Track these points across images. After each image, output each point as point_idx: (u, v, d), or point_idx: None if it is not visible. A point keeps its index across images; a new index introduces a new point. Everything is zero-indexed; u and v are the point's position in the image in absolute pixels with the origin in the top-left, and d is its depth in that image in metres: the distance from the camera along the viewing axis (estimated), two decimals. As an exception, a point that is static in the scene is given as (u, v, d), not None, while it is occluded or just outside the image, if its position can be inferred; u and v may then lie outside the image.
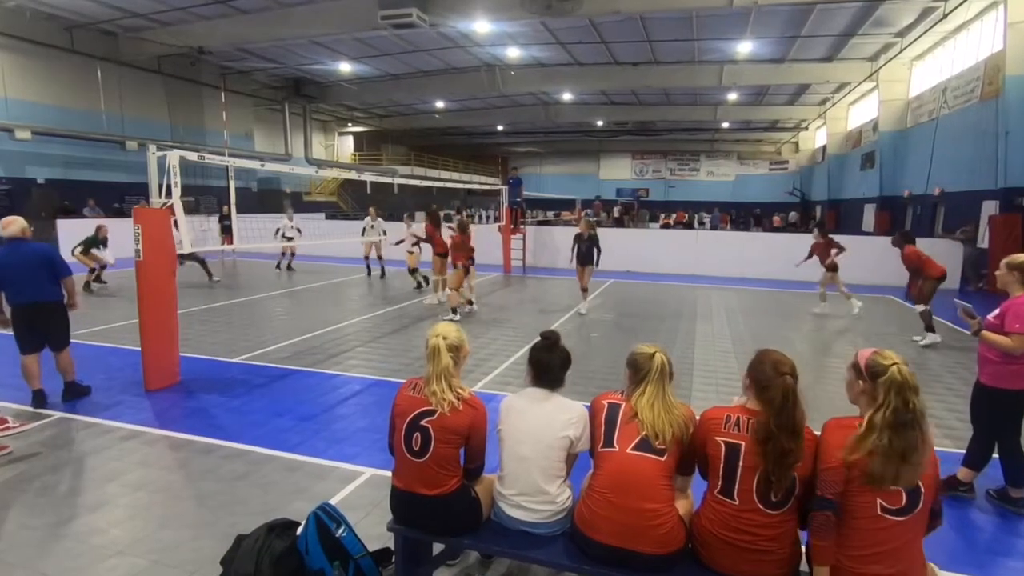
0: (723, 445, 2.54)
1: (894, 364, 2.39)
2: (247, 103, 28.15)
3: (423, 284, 13.18)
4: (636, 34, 19.79)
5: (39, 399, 5.71)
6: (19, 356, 5.67)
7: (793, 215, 33.40)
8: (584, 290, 10.90)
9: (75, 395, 5.93)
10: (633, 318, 10.65)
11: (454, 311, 10.09)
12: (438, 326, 3.07)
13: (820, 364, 7.75)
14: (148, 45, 20.24)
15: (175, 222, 6.29)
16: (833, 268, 10.75)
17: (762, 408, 2.53)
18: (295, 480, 4.36)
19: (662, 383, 2.73)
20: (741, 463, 2.50)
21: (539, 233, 18.65)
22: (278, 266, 16.64)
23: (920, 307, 8.58)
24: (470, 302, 10.84)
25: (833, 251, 10.74)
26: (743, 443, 2.51)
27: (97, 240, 12.86)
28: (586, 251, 10.70)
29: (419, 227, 12.89)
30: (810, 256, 11.18)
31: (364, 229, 14.64)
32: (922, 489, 2.35)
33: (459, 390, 2.93)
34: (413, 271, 13.32)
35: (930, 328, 8.67)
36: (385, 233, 14.35)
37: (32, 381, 5.72)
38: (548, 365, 2.95)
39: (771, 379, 2.51)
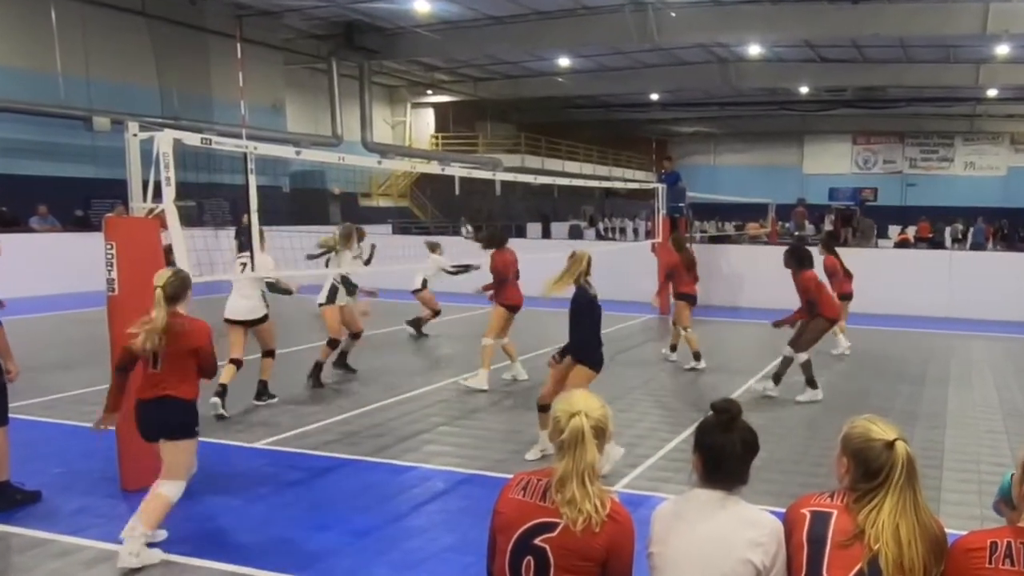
0: None
1: None
2: (276, 61, 29.95)
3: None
4: (857, -44, 19.89)
5: None
6: None
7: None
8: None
9: (6, 504, 5.95)
10: (856, 381, 11.13)
11: None
12: (574, 397, 3.17)
13: None
14: (126, -25, 21.64)
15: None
16: None
17: None
18: (347, 629, 4.43)
19: (911, 488, 2.79)
20: None
21: (712, 254, 18.84)
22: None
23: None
24: None
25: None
26: None
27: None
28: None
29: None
30: None
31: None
32: None
33: (599, 497, 3.01)
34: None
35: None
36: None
37: None
38: (723, 453, 3.05)
39: None
